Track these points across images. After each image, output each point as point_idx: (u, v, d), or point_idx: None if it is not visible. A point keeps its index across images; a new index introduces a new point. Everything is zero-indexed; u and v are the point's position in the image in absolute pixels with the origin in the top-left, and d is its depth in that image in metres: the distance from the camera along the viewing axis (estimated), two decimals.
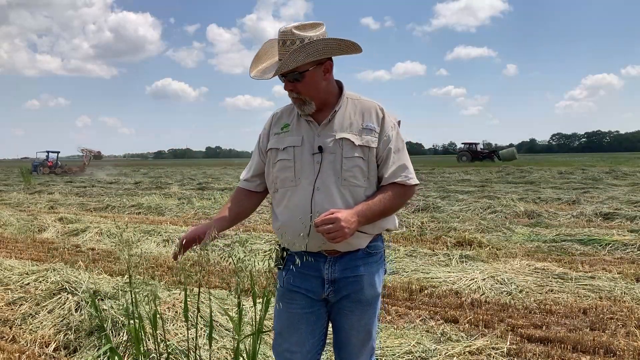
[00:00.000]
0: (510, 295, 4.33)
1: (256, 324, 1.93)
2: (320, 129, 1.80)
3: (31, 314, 3.82)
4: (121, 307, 3.48)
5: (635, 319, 3.71)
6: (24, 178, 19.86)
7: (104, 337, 3.17)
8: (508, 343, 3.31)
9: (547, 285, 4.52)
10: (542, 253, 5.96)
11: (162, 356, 2.71)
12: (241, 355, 2.02)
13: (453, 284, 4.62)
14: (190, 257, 1.89)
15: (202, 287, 1.85)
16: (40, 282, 4.40)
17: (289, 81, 1.74)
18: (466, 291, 4.44)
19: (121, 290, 3.95)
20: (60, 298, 3.93)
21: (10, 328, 3.68)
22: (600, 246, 6.17)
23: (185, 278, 1.98)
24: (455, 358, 3.08)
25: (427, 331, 3.53)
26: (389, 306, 4.09)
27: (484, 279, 4.66)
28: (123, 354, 3.04)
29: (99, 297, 3.83)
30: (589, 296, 4.26)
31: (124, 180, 22.23)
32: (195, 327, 2.57)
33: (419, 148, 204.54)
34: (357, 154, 1.76)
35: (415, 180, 1.83)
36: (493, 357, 3.12)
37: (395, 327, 3.61)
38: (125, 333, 3.20)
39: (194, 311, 3.62)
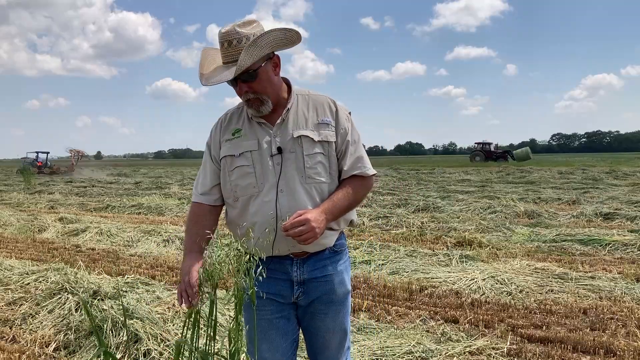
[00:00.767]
0: (510, 295, 4.33)
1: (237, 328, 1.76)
2: (275, 130, 1.74)
3: (31, 314, 3.83)
4: (121, 307, 3.48)
5: (635, 319, 3.71)
6: (25, 178, 19.86)
7: (97, 339, 3.17)
8: (508, 343, 3.31)
9: (547, 285, 4.52)
10: (542, 253, 5.96)
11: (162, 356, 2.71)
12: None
13: (453, 284, 4.62)
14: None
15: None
16: (40, 282, 4.40)
17: (243, 82, 1.67)
18: (466, 291, 4.44)
19: (121, 290, 3.96)
20: (60, 298, 3.93)
21: (10, 328, 3.68)
22: (600, 246, 6.17)
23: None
24: (455, 358, 3.08)
25: (427, 331, 3.53)
26: (389, 306, 4.09)
27: (484, 279, 4.66)
28: (123, 354, 3.04)
29: (99, 297, 3.83)
30: (589, 296, 4.26)
31: (124, 180, 22.25)
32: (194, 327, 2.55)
33: (419, 148, 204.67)
34: (318, 150, 1.74)
35: (372, 170, 1.83)
36: (493, 357, 3.12)
37: (395, 327, 3.61)
38: (125, 333, 3.20)
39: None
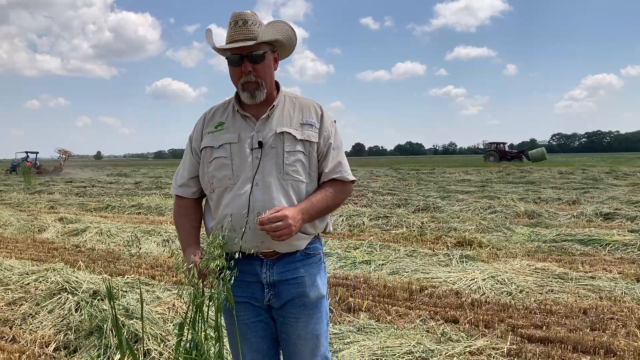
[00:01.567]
0: (510, 295, 4.33)
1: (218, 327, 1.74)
2: (259, 125, 1.75)
3: (31, 314, 3.83)
4: (121, 307, 3.48)
5: (635, 319, 3.71)
6: (25, 178, 19.86)
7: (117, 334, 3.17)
8: (508, 343, 3.31)
9: (548, 285, 4.52)
10: (543, 253, 5.96)
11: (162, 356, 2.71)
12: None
13: (453, 284, 4.62)
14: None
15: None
16: (40, 282, 4.40)
17: (250, 61, 1.71)
18: (466, 291, 4.44)
19: (121, 290, 3.95)
20: (60, 298, 3.93)
21: (10, 328, 3.68)
22: (600, 246, 6.17)
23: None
24: (455, 358, 3.08)
25: (428, 331, 3.53)
26: (389, 306, 4.09)
27: (484, 279, 4.66)
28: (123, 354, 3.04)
29: (99, 297, 3.83)
30: (589, 296, 4.26)
31: (124, 180, 22.25)
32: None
33: (419, 148, 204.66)
34: (299, 148, 1.74)
35: (352, 176, 1.84)
36: (493, 358, 3.12)
37: (395, 327, 3.61)
38: (125, 333, 3.20)
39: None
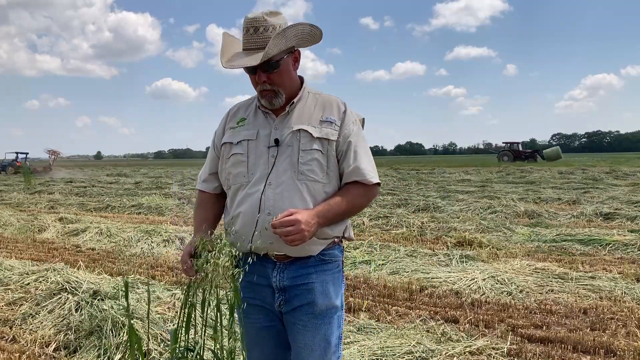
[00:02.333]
0: (510, 295, 4.33)
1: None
2: (277, 122, 1.71)
3: (31, 314, 3.82)
4: (121, 308, 3.48)
5: (635, 319, 3.71)
6: (25, 178, 19.85)
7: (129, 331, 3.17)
8: (508, 343, 3.31)
9: (548, 285, 4.52)
10: (543, 253, 5.96)
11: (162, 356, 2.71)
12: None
13: (453, 284, 4.61)
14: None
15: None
16: (40, 282, 4.40)
17: (264, 71, 1.63)
18: (466, 291, 4.44)
19: (121, 290, 3.95)
20: (60, 298, 3.93)
21: (10, 328, 3.68)
22: (600, 246, 6.17)
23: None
24: (455, 358, 3.07)
25: (428, 331, 3.52)
26: (389, 306, 4.09)
27: (484, 279, 4.66)
28: (123, 354, 3.04)
29: (99, 297, 3.83)
30: (590, 296, 4.26)
31: (124, 180, 22.25)
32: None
33: (419, 148, 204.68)
34: (316, 147, 1.66)
35: (376, 178, 1.72)
36: (493, 358, 3.11)
37: (395, 327, 3.61)
38: (125, 333, 3.20)
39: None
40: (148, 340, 3.14)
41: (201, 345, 1.70)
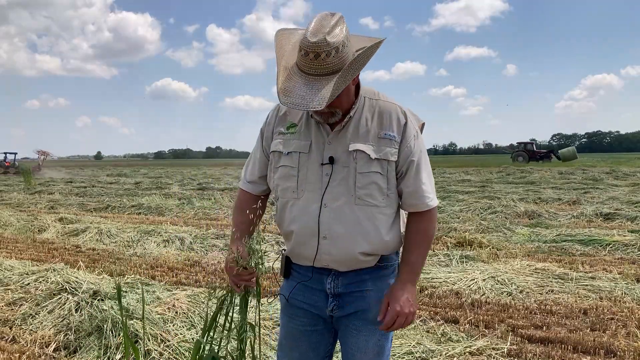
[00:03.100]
0: (510, 295, 4.32)
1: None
2: (332, 136, 1.58)
3: (31, 314, 3.82)
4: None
5: (635, 320, 3.70)
6: (25, 178, 19.85)
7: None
8: (508, 344, 3.31)
9: (548, 285, 4.52)
10: (543, 253, 5.96)
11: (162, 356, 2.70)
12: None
13: (453, 285, 4.61)
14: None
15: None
16: (40, 283, 4.40)
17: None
18: (466, 291, 4.43)
19: (121, 290, 3.95)
20: (60, 298, 3.93)
21: (10, 328, 3.68)
22: (600, 246, 6.17)
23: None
24: (455, 358, 3.07)
25: (428, 331, 3.52)
26: None
27: (485, 280, 4.66)
28: (123, 354, 3.04)
29: (99, 298, 3.83)
30: (590, 297, 4.26)
31: (124, 180, 22.26)
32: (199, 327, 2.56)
33: None
34: (374, 169, 1.55)
35: (435, 201, 1.64)
36: (493, 358, 3.11)
37: None
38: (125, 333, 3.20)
39: (199, 311, 3.63)
40: (144, 340, 3.14)
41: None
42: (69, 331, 3.47)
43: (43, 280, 4.43)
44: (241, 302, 1.72)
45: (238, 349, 1.73)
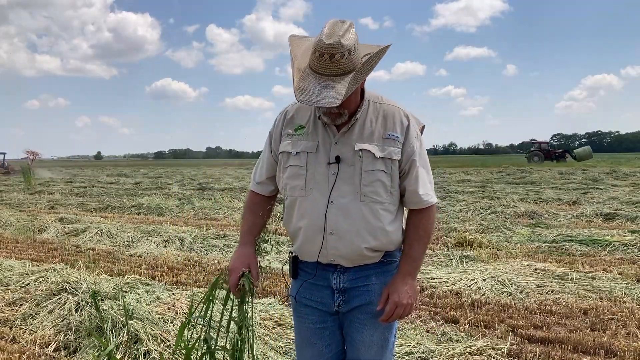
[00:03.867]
0: (510, 295, 4.33)
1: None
2: (338, 137, 1.66)
3: (31, 314, 3.82)
4: (121, 308, 3.48)
5: (635, 320, 3.71)
6: (25, 178, 19.86)
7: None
8: (508, 344, 3.31)
9: (548, 285, 4.52)
10: (543, 253, 5.96)
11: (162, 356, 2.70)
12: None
13: (453, 285, 4.61)
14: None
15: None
16: (40, 283, 4.40)
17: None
18: (466, 292, 4.44)
19: (121, 290, 3.95)
20: (60, 298, 3.93)
21: (10, 328, 3.68)
22: (600, 247, 6.17)
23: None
24: (455, 358, 3.08)
25: (428, 332, 3.53)
26: None
27: (485, 280, 4.66)
28: (123, 354, 3.04)
29: (99, 298, 3.83)
30: (590, 297, 4.26)
31: (124, 180, 22.26)
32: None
33: None
34: (379, 167, 1.63)
35: (433, 198, 1.72)
36: (493, 358, 3.11)
37: None
38: (125, 333, 3.20)
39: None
40: (141, 340, 3.14)
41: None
42: (69, 331, 3.47)
43: (43, 280, 4.43)
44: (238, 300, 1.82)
45: (235, 345, 1.79)
